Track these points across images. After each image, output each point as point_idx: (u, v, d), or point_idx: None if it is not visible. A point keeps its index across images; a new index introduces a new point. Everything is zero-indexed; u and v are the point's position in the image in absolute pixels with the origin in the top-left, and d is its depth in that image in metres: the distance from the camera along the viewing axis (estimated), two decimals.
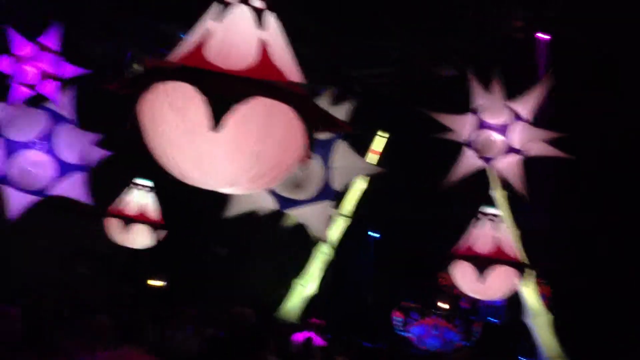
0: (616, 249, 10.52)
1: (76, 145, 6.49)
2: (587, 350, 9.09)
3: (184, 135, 3.05)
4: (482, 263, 6.76)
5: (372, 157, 9.16)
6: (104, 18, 6.69)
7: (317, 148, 5.25)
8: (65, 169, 6.55)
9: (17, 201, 6.42)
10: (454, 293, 14.42)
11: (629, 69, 7.07)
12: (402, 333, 14.30)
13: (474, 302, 13.76)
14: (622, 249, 10.44)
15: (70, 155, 6.50)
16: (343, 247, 10.53)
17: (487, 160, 6.13)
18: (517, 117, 5.90)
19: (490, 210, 6.94)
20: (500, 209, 7.08)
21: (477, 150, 5.96)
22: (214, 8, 3.23)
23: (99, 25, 6.74)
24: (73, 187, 6.71)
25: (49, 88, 6.11)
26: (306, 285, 9.73)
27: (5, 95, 6.28)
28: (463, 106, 6.14)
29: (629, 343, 9.76)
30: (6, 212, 6.44)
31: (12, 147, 6.19)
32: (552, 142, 6.11)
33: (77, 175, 6.70)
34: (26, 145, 6.20)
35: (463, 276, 6.97)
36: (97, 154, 6.83)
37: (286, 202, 5.68)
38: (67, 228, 10.43)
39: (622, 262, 10.53)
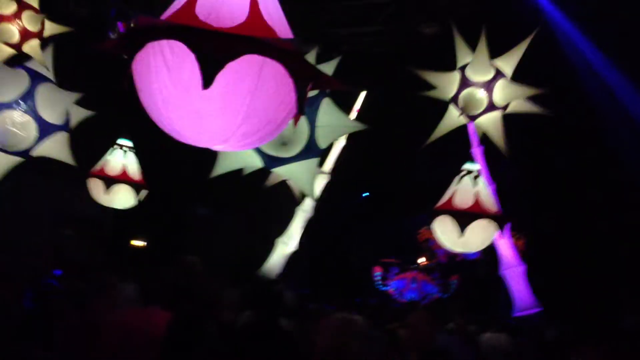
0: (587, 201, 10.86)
1: (57, 105, 6.39)
2: (560, 298, 9.48)
3: (178, 93, 3.07)
4: (463, 217, 6.96)
5: (357, 116, 9.18)
6: None
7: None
8: (46, 129, 6.47)
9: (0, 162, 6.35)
10: (432, 248, 14.77)
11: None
12: (383, 288, 14.63)
13: (452, 256, 14.10)
14: (594, 202, 10.77)
15: (51, 115, 6.40)
16: (325, 205, 10.64)
17: (471, 117, 6.22)
18: (500, 74, 5.98)
19: (470, 166, 7.10)
20: (479, 165, 7.22)
21: (461, 108, 6.04)
22: None
23: None
24: (55, 148, 6.64)
25: (31, 47, 5.97)
26: (288, 243, 9.83)
27: None
28: (449, 64, 6.18)
29: (600, 291, 10.18)
30: None
31: None
32: (533, 99, 6.23)
33: (59, 136, 6.63)
34: (8, 106, 6.09)
35: (444, 231, 7.16)
36: (79, 113, 6.75)
37: (272, 160, 5.71)
38: (52, 190, 10.34)
39: (593, 212, 10.89)
